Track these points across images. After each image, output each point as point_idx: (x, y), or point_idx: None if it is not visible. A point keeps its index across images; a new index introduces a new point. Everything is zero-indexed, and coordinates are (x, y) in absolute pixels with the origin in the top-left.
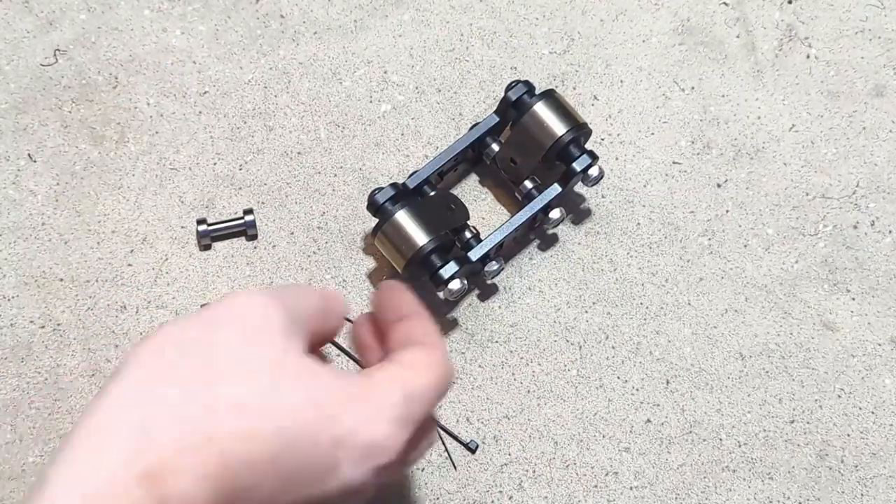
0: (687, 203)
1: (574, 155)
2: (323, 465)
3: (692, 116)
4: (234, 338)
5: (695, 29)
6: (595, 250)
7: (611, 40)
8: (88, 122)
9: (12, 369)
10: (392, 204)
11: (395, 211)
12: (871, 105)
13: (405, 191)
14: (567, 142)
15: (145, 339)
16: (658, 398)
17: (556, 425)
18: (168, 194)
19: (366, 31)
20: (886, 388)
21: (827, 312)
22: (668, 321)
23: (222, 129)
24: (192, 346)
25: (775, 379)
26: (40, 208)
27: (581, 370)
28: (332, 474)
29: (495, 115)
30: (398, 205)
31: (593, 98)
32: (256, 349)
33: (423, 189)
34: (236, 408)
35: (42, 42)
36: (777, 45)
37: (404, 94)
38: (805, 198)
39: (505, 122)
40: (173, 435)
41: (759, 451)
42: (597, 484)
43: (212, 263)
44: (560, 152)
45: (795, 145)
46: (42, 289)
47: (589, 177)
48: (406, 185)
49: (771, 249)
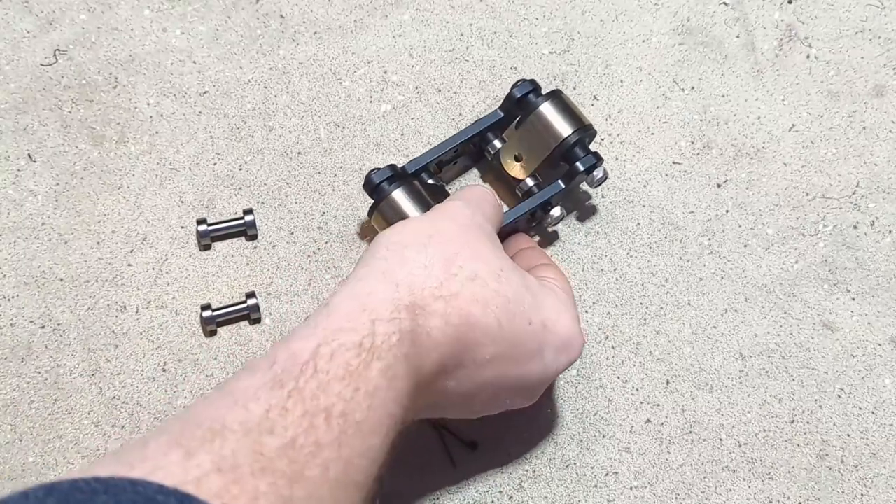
0: (687, 203)
1: (578, 156)
2: (532, 345)
3: (692, 116)
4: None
5: (695, 29)
6: (595, 250)
7: (611, 40)
8: (88, 122)
9: (12, 369)
10: (389, 184)
11: (391, 190)
12: (871, 105)
13: (403, 173)
14: (572, 143)
15: (393, 226)
16: (658, 398)
17: (556, 425)
18: (168, 194)
19: (366, 31)
20: (886, 388)
21: (827, 312)
22: (668, 321)
23: (222, 129)
24: (426, 236)
25: (775, 379)
26: (40, 208)
27: (581, 370)
28: (537, 358)
29: (499, 111)
30: (395, 184)
31: (593, 98)
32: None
33: (422, 176)
34: (472, 278)
35: (42, 42)
36: (777, 45)
37: (404, 94)
38: (805, 198)
39: (509, 118)
40: (429, 287)
41: (759, 451)
42: (597, 484)
43: (212, 263)
44: (565, 153)
45: (795, 145)
46: (42, 289)
47: (593, 178)
48: (404, 169)
49: (771, 249)
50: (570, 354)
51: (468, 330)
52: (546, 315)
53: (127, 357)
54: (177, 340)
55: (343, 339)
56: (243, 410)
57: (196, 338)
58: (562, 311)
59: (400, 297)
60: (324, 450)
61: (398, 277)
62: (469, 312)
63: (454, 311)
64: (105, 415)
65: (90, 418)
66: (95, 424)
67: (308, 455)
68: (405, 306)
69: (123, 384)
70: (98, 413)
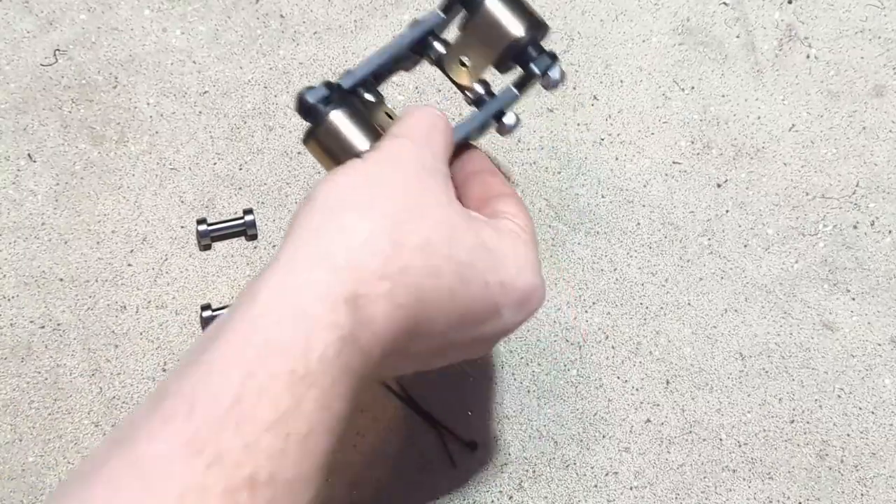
0: (687, 203)
1: (532, 56)
2: (489, 306)
3: (692, 116)
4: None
5: (695, 29)
6: (595, 250)
7: (611, 40)
8: (88, 122)
9: (12, 369)
10: (326, 104)
11: (329, 111)
12: (871, 105)
13: (340, 91)
14: (526, 42)
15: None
16: (658, 398)
17: (556, 425)
18: (168, 194)
19: (366, 31)
20: (886, 388)
21: (827, 312)
22: (668, 321)
23: (222, 129)
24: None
25: (775, 379)
26: (40, 208)
27: (581, 370)
28: (495, 317)
29: (439, 12)
30: (331, 105)
31: (593, 98)
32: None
33: (358, 91)
34: (423, 247)
35: (42, 42)
36: (777, 45)
37: (404, 94)
38: (805, 198)
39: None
40: (372, 266)
41: (759, 451)
42: (597, 484)
43: (212, 263)
44: (517, 54)
45: (795, 145)
46: (42, 289)
47: (549, 80)
48: (340, 86)
49: (771, 249)
50: (531, 307)
51: (419, 309)
52: (504, 273)
53: (127, 357)
54: (177, 340)
55: (272, 366)
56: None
57: (196, 338)
58: (522, 264)
59: (339, 288)
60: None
61: (336, 257)
62: (419, 288)
63: (402, 291)
64: (105, 415)
65: (90, 418)
66: (95, 424)
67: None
68: (344, 299)
69: (123, 384)
70: (98, 413)
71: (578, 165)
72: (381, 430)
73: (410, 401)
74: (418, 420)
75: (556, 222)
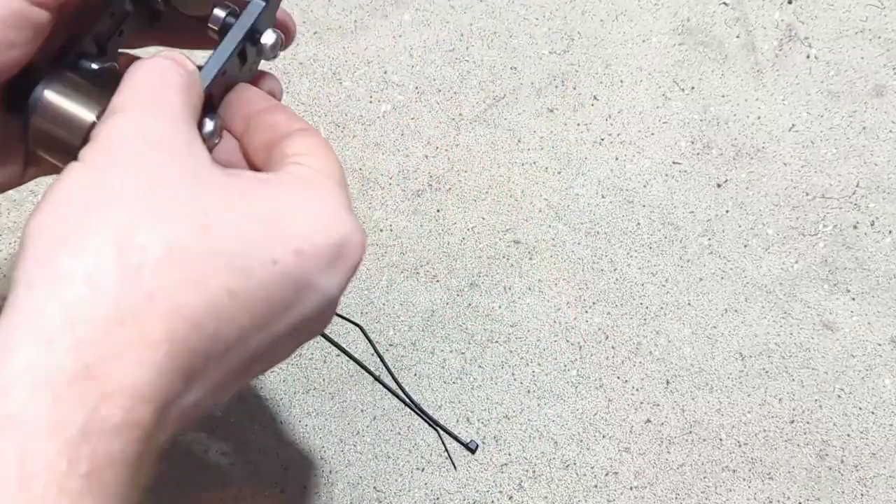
0: (687, 203)
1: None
2: (291, 284)
3: (692, 116)
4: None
5: (695, 29)
6: (595, 250)
7: (611, 40)
8: None
9: None
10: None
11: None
12: (871, 105)
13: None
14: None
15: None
16: (658, 398)
17: (556, 425)
18: None
19: (366, 31)
20: (886, 388)
21: (827, 312)
22: (668, 321)
23: None
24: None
25: (775, 379)
26: None
27: (581, 370)
28: (306, 291)
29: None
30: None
31: (593, 98)
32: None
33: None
34: (168, 255)
35: None
36: (777, 45)
37: (404, 94)
38: (805, 198)
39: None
40: (101, 313)
41: (759, 451)
42: (597, 484)
43: None
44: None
45: (795, 145)
46: None
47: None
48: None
49: (771, 249)
50: (350, 261)
51: (188, 333)
52: (297, 238)
53: None
54: None
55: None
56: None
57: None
58: (318, 216)
59: (62, 365)
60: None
61: (51, 321)
62: (178, 309)
63: (154, 325)
64: None
65: None
66: None
67: None
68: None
69: None
70: None
71: (578, 165)
72: (380, 429)
73: (410, 401)
74: (418, 420)
75: (556, 222)
